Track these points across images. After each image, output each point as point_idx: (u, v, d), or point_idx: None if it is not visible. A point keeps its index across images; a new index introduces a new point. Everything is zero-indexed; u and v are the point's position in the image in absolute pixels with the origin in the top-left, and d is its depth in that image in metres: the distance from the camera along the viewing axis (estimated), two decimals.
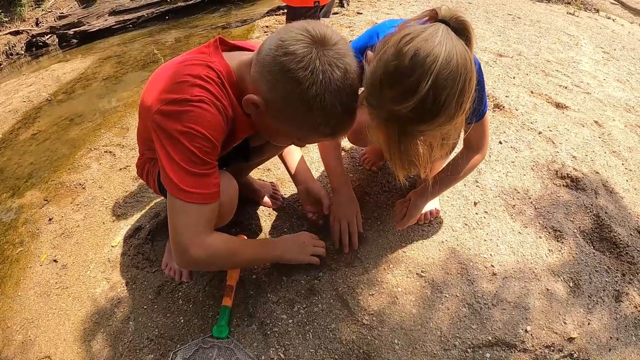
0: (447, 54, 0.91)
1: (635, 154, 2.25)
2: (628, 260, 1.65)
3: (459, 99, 0.96)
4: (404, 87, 0.95)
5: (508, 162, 2.03)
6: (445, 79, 0.92)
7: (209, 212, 1.13)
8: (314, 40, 1.01)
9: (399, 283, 1.51)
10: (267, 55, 1.04)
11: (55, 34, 5.80)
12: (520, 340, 1.36)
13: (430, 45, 0.92)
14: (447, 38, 0.93)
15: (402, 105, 0.96)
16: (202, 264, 1.22)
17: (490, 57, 3.19)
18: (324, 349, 1.34)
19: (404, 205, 1.58)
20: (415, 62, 0.92)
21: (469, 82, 0.96)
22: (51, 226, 1.98)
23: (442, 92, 0.94)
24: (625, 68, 3.59)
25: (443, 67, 0.91)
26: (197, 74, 1.09)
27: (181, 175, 1.07)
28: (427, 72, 0.91)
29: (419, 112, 0.96)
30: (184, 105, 1.06)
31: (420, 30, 0.95)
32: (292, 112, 1.07)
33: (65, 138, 2.85)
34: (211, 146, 1.09)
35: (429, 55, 0.91)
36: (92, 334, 1.48)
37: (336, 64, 1.01)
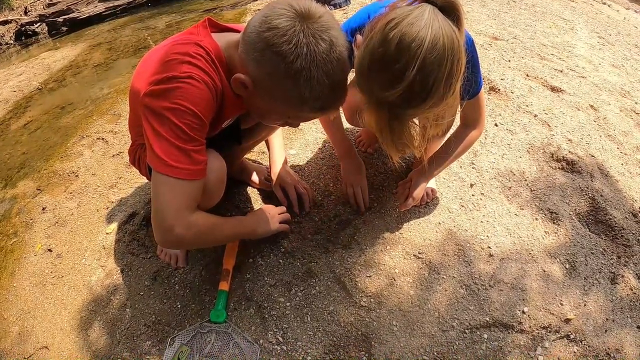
0: (433, 37, 0.91)
1: (630, 138, 2.25)
2: (623, 243, 1.66)
3: (447, 81, 0.96)
4: (391, 73, 0.95)
5: (504, 145, 2.02)
6: (431, 63, 0.92)
7: (194, 190, 1.11)
8: (298, 14, 1.00)
9: (396, 265, 1.51)
10: (252, 32, 1.03)
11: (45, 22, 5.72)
12: (517, 321, 1.37)
13: (415, 29, 0.91)
14: (434, 19, 0.92)
15: (390, 91, 0.97)
16: (184, 243, 1.22)
17: (486, 40, 3.17)
18: (322, 332, 1.34)
19: (405, 186, 1.59)
20: (401, 48, 0.92)
21: (457, 63, 0.96)
22: (45, 215, 1.97)
23: (429, 76, 0.94)
24: (621, 53, 3.58)
25: (429, 51, 0.91)
26: (185, 51, 1.08)
27: (167, 150, 1.05)
28: (413, 57, 0.91)
29: (408, 97, 0.97)
30: (172, 83, 1.04)
31: (406, 13, 0.94)
32: (279, 88, 1.06)
33: (57, 126, 2.82)
34: (199, 123, 1.07)
35: (414, 40, 0.91)
36: (89, 322, 1.48)
37: (321, 37, 1.00)
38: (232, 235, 1.42)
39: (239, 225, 1.42)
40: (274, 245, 1.58)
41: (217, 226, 1.26)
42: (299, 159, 1.96)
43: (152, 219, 1.12)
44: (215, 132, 1.26)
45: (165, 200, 1.08)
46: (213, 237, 1.27)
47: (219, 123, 1.25)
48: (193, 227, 1.12)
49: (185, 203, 1.10)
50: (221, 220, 1.30)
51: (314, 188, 1.79)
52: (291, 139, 2.09)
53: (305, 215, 1.68)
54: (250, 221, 1.46)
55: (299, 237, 1.60)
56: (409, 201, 1.56)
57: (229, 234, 1.36)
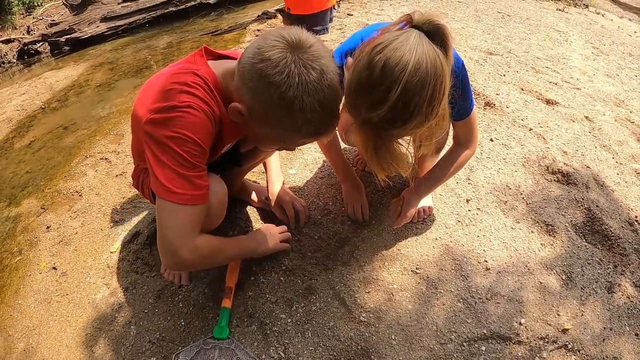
0: (416, 62, 0.95)
1: (625, 147, 2.28)
2: (620, 252, 1.67)
3: (429, 104, 1.00)
4: (375, 96, 1.00)
5: (499, 159, 2.05)
6: (414, 86, 0.96)
7: (197, 214, 1.15)
8: (289, 44, 1.04)
9: (394, 280, 1.53)
10: (246, 63, 1.07)
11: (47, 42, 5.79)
12: (515, 332, 1.39)
13: (399, 54, 0.96)
14: (419, 44, 0.97)
15: (374, 113, 1.02)
16: (190, 266, 1.29)
17: (481, 55, 3.22)
18: (323, 347, 1.36)
19: (398, 204, 1.62)
20: (385, 72, 0.97)
21: (439, 87, 0.99)
22: (49, 234, 1.99)
23: (411, 100, 0.98)
24: (615, 63, 3.63)
25: (411, 75, 0.95)
26: (183, 81, 1.13)
27: (170, 177, 1.09)
28: (396, 81, 0.96)
29: (391, 118, 1.02)
30: (172, 112, 1.09)
31: (392, 38, 0.98)
32: (273, 116, 1.10)
33: (61, 146, 2.86)
34: (200, 150, 1.11)
35: (397, 64, 0.95)
36: (94, 339, 1.50)
37: (312, 66, 1.04)
38: (235, 255, 1.46)
39: (241, 246, 1.46)
40: (275, 263, 1.60)
41: (221, 248, 1.30)
42: (299, 179, 1.99)
43: (158, 243, 1.16)
44: (216, 157, 1.30)
45: (170, 226, 1.12)
46: (217, 259, 1.32)
47: (219, 148, 1.29)
48: (197, 250, 1.16)
49: (189, 227, 1.14)
50: (224, 242, 1.34)
51: (314, 207, 1.83)
52: (290, 159, 2.13)
53: (304, 234, 1.71)
54: (251, 241, 1.49)
55: (299, 255, 1.63)
56: (402, 219, 1.59)
57: (231, 254, 1.41)
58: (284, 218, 1.72)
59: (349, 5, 5.16)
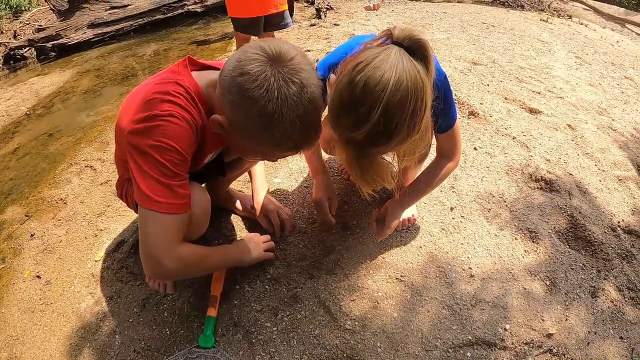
0: (396, 80, 0.95)
1: (607, 154, 2.32)
2: (603, 257, 1.71)
3: (410, 121, 1.01)
4: (356, 115, 1.01)
5: (483, 168, 2.08)
6: (394, 105, 0.97)
7: (179, 223, 1.15)
8: (269, 58, 1.03)
9: (379, 288, 1.54)
10: (226, 76, 1.07)
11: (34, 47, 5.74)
12: (500, 338, 1.41)
13: (379, 73, 0.96)
14: (399, 62, 0.97)
15: (356, 132, 1.02)
16: (173, 275, 1.29)
17: (465, 65, 3.26)
18: (309, 355, 1.36)
19: (381, 216, 1.62)
20: (366, 92, 0.98)
21: (420, 103, 1.00)
22: (33, 242, 1.97)
23: (392, 118, 0.99)
24: (598, 72, 3.69)
25: (392, 94, 0.96)
26: (165, 90, 1.13)
27: (152, 186, 1.09)
28: (377, 100, 0.96)
29: (373, 137, 1.02)
30: (154, 121, 1.09)
31: (373, 56, 0.99)
32: (254, 129, 1.09)
33: (45, 153, 2.84)
34: (181, 158, 1.12)
35: (378, 83, 0.96)
36: (79, 349, 1.48)
37: (291, 80, 1.03)
38: (220, 264, 1.46)
39: (226, 255, 1.46)
40: (260, 272, 1.60)
41: (205, 257, 1.30)
42: (284, 188, 2.00)
43: (141, 252, 1.15)
44: (199, 166, 1.30)
45: (152, 234, 1.12)
46: (201, 268, 1.31)
47: (202, 157, 1.29)
48: (180, 259, 1.16)
49: (172, 236, 1.14)
50: (208, 251, 1.34)
51: (299, 216, 1.83)
52: (276, 168, 2.13)
53: (289, 242, 1.72)
54: (236, 250, 1.49)
55: (285, 264, 1.63)
56: (385, 231, 1.58)
57: (216, 264, 1.41)
58: (269, 227, 1.72)
59: (336, 15, 5.21)
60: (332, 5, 5.52)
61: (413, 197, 1.61)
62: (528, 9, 6.30)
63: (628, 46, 5.18)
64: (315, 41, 4.12)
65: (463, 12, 5.42)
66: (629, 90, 3.34)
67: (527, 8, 6.32)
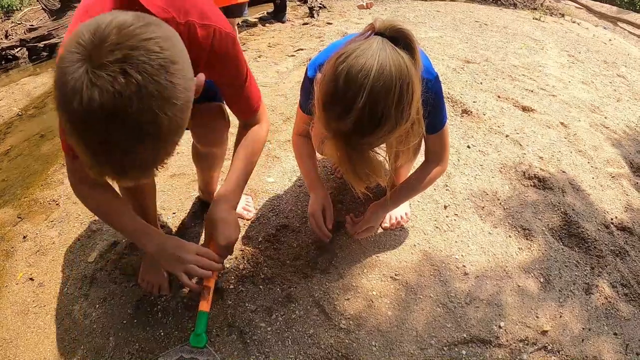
0: (379, 66, 0.95)
1: (600, 152, 2.33)
2: (596, 254, 1.72)
3: (397, 107, 1.00)
4: (342, 105, 1.00)
5: (476, 166, 2.09)
6: (379, 91, 0.96)
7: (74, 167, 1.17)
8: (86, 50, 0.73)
9: (373, 287, 1.54)
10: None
11: (25, 47, 5.69)
12: (494, 336, 1.41)
13: (362, 60, 0.96)
14: (381, 50, 0.97)
15: (342, 122, 1.01)
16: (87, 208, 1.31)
17: (458, 63, 3.26)
18: (304, 354, 1.36)
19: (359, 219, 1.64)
20: (349, 80, 0.97)
21: (407, 89, 0.99)
22: (26, 244, 1.96)
23: (377, 105, 0.98)
24: (590, 70, 3.71)
25: (375, 79, 0.95)
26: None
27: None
28: (360, 87, 0.96)
29: (359, 126, 1.01)
30: None
31: (355, 47, 0.99)
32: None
33: (38, 154, 2.81)
34: None
35: (360, 71, 0.96)
36: (73, 351, 1.47)
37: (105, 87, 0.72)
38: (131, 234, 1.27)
39: (142, 234, 1.25)
40: (254, 272, 1.60)
41: (111, 216, 1.26)
42: (277, 187, 1.99)
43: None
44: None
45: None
46: (110, 220, 1.30)
47: None
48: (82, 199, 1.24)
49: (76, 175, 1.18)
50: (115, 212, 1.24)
51: (292, 215, 1.82)
52: (269, 167, 2.13)
53: (283, 242, 1.71)
54: (150, 241, 1.24)
55: (279, 263, 1.63)
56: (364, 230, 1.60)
57: (123, 230, 1.29)
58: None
59: (329, 14, 5.20)
60: (324, 4, 5.51)
61: (397, 200, 1.59)
62: (521, 7, 6.32)
63: (620, 44, 5.21)
64: (308, 40, 4.11)
65: (456, 10, 5.44)
66: (621, 88, 3.36)
67: (520, 6, 6.34)
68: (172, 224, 1.86)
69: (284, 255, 1.66)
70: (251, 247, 1.70)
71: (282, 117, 2.58)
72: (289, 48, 3.93)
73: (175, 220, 1.88)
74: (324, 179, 2.02)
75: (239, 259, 1.66)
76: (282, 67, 3.45)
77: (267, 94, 2.94)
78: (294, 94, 2.85)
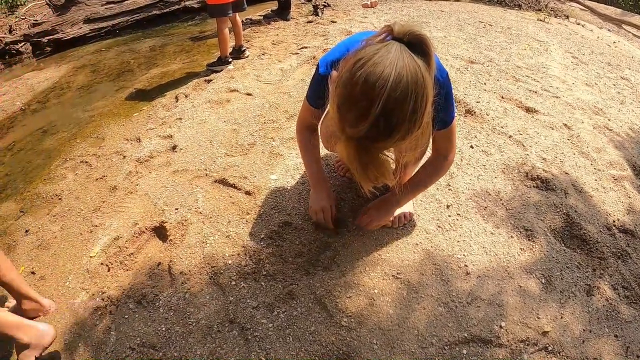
0: (396, 76, 0.95)
1: (603, 154, 2.33)
2: (598, 255, 1.71)
3: (411, 117, 1.00)
4: (357, 112, 1.00)
5: (479, 166, 2.08)
6: (394, 101, 0.96)
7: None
8: None
9: (375, 285, 1.54)
10: None
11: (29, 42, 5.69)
12: (495, 335, 1.41)
13: (380, 69, 0.96)
14: (399, 58, 0.97)
15: (357, 128, 1.02)
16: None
17: (462, 64, 3.26)
18: (305, 352, 1.36)
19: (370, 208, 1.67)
20: (366, 88, 0.97)
21: (421, 99, 1.00)
22: (28, 238, 1.97)
23: (392, 114, 0.98)
24: (594, 72, 3.70)
25: (392, 89, 0.95)
26: None
27: None
28: (377, 97, 0.96)
29: (374, 133, 1.01)
30: None
31: (373, 52, 0.99)
32: None
33: (40, 148, 2.82)
34: None
35: (378, 79, 0.95)
36: (74, 345, 1.48)
37: None
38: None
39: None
40: (256, 269, 1.60)
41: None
42: (280, 184, 2.00)
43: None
44: None
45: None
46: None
47: None
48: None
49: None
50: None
51: (294, 212, 1.83)
52: (272, 165, 2.14)
53: (285, 239, 1.71)
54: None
55: (281, 260, 1.63)
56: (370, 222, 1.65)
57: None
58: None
59: (333, 12, 5.20)
60: (329, 3, 5.51)
61: (409, 194, 1.62)
62: (525, 8, 6.30)
63: (624, 47, 5.19)
64: (312, 38, 4.11)
65: (460, 10, 5.43)
66: (625, 91, 3.34)
67: (525, 7, 6.32)
68: (175, 219, 1.86)
69: (286, 252, 1.66)
70: (253, 244, 1.70)
71: (285, 114, 2.58)
72: (293, 46, 3.92)
73: (177, 216, 1.88)
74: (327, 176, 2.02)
75: (241, 255, 1.66)
76: (286, 64, 3.45)
77: (271, 92, 2.94)
78: (297, 92, 2.85)
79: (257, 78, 3.24)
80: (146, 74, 3.95)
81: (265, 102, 2.77)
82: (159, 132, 2.61)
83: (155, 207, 1.95)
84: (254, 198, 1.92)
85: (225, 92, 3.02)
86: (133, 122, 2.87)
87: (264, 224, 1.79)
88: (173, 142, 2.45)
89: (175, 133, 2.54)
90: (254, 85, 3.09)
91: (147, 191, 2.07)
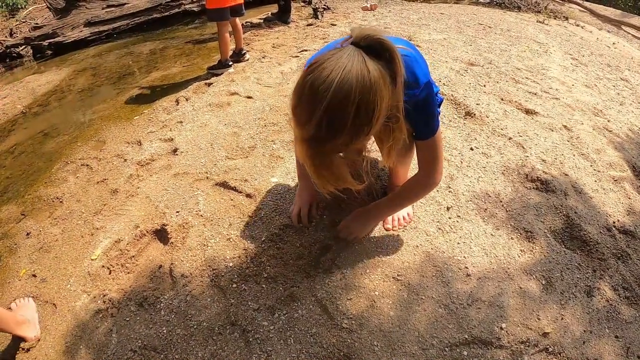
0: (341, 79, 0.98)
1: (603, 155, 2.33)
2: (598, 257, 1.71)
3: (355, 119, 1.02)
4: (304, 113, 1.05)
5: (479, 168, 2.09)
6: (338, 103, 0.99)
7: None
8: None
9: (376, 287, 1.54)
10: None
11: (30, 45, 5.71)
12: (496, 337, 1.41)
13: (325, 73, 0.99)
14: (349, 62, 0.99)
15: (304, 129, 1.06)
16: None
17: (462, 66, 3.27)
18: (306, 354, 1.36)
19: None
20: (311, 92, 1.01)
21: (367, 104, 1.01)
22: (29, 241, 1.97)
23: (335, 116, 1.01)
24: (594, 73, 3.70)
25: (335, 92, 0.98)
26: None
27: None
28: (321, 100, 0.99)
29: (319, 134, 1.05)
30: None
31: (326, 57, 1.02)
32: None
33: (41, 151, 2.83)
34: None
35: (322, 84, 0.99)
36: (75, 348, 1.48)
37: None
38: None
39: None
40: (257, 271, 1.60)
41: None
42: (281, 187, 2.00)
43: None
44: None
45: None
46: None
47: None
48: None
49: None
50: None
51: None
52: (273, 167, 2.14)
53: (286, 241, 1.71)
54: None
55: (281, 263, 1.63)
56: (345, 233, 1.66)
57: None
58: None
59: (333, 15, 5.21)
60: (329, 6, 5.53)
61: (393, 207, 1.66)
62: (525, 10, 6.32)
63: (624, 48, 5.20)
64: (312, 41, 4.13)
65: (460, 13, 5.44)
66: (624, 92, 3.35)
67: (524, 9, 6.34)
68: (176, 222, 1.87)
69: (287, 254, 1.66)
70: (254, 246, 1.70)
71: (286, 117, 2.59)
72: (293, 49, 3.94)
73: (178, 218, 1.89)
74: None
75: (242, 257, 1.66)
76: (286, 67, 3.46)
77: (271, 95, 2.95)
78: None
79: (258, 81, 3.24)
80: (147, 77, 3.96)
81: (265, 104, 2.78)
82: (159, 135, 2.62)
83: (156, 210, 1.96)
84: (255, 201, 1.93)
85: (225, 95, 3.03)
86: (134, 125, 2.87)
87: (265, 226, 1.79)
88: (174, 145, 2.46)
89: (176, 136, 2.55)
90: (255, 88, 3.10)
91: (148, 194, 2.08)
